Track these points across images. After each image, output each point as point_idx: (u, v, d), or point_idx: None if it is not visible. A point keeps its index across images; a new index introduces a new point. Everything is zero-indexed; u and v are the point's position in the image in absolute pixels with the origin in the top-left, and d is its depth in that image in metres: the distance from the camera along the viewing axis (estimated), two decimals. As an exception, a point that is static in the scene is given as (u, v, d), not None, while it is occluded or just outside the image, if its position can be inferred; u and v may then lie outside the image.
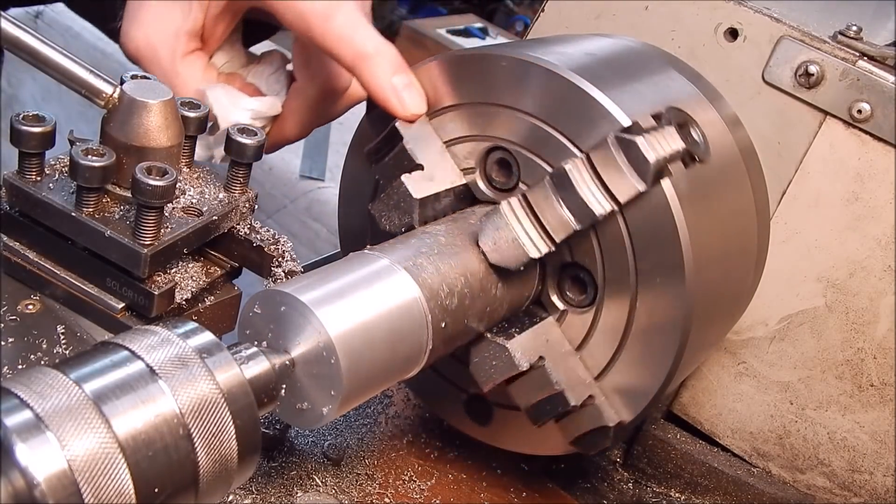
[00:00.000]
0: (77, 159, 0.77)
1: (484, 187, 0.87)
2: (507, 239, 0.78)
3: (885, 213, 0.93)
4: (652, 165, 0.74)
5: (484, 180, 0.87)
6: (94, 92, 0.81)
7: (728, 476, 1.02)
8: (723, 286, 0.87)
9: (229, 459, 0.57)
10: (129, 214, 0.81)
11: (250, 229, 0.90)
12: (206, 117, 0.91)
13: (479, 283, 0.79)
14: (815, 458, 1.02)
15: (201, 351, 0.58)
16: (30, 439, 0.49)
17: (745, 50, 0.97)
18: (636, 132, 0.75)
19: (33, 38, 0.80)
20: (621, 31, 1.00)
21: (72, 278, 0.83)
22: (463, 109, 0.86)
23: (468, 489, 0.94)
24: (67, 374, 0.53)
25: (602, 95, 0.78)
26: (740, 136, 0.92)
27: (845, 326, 0.97)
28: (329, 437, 0.93)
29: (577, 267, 0.83)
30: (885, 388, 0.97)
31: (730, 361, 1.03)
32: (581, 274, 0.83)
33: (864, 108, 0.92)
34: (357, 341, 0.68)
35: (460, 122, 0.86)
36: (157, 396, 0.55)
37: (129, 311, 0.82)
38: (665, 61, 0.93)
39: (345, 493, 0.87)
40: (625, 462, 1.06)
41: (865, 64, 0.92)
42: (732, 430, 1.05)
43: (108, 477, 0.51)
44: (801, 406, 1.01)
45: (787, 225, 0.97)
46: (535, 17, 1.08)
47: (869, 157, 0.93)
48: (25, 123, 0.80)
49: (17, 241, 0.84)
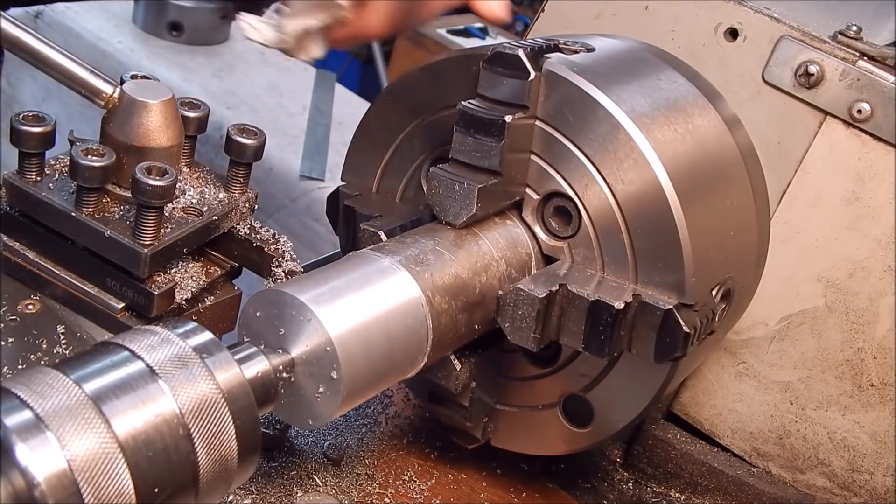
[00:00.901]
0: (77, 159, 0.77)
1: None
2: (523, 321, 0.77)
3: (885, 213, 0.93)
4: (676, 352, 0.76)
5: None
6: (94, 92, 0.82)
7: (728, 476, 1.02)
8: (725, 267, 0.87)
9: (229, 459, 0.57)
10: (129, 214, 0.81)
11: (250, 229, 0.90)
12: (207, 117, 0.91)
13: (482, 308, 0.79)
14: (815, 458, 1.02)
15: (201, 351, 0.58)
16: (30, 439, 0.49)
17: (745, 50, 0.96)
18: (689, 321, 0.76)
19: (33, 38, 0.80)
20: (621, 31, 1.00)
21: (72, 278, 0.83)
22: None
23: (468, 489, 0.94)
24: (67, 374, 0.53)
25: (602, 95, 0.78)
26: (740, 136, 0.92)
27: (845, 326, 0.97)
28: (329, 437, 0.93)
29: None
30: (885, 388, 0.97)
31: (730, 361, 1.03)
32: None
33: (864, 108, 0.92)
34: (357, 341, 0.68)
35: None
36: (157, 396, 0.55)
37: (129, 311, 0.83)
38: (665, 61, 0.93)
39: (345, 493, 0.87)
40: (625, 462, 1.06)
41: (865, 64, 0.92)
42: (732, 430, 1.05)
43: (108, 477, 0.51)
44: (801, 406, 1.01)
45: (787, 225, 0.97)
46: (535, 17, 1.08)
47: (869, 157, 0.93)
48: (25, 123, 0.80)
49: (17, 241, 0.84)
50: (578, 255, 0.82)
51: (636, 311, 0.77)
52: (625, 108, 0.78)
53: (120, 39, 2.45)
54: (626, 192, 0.78)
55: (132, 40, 2.46)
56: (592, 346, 0.77)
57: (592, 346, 0.77)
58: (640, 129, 0.78)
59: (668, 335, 0.76)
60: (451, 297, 0.75)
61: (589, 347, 0.77)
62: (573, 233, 0.82)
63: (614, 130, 0.78)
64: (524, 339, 0.77)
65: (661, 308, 0.76)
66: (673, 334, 0.76)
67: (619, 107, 0.78)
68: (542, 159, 0.81)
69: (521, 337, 0.77)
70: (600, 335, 0.76)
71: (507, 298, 0.77)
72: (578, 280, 0.79)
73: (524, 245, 0.83)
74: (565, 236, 0.83)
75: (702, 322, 0.78)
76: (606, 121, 0.78)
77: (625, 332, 0.77)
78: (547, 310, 0.76)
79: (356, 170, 0.93)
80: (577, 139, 0.80)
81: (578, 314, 0.77)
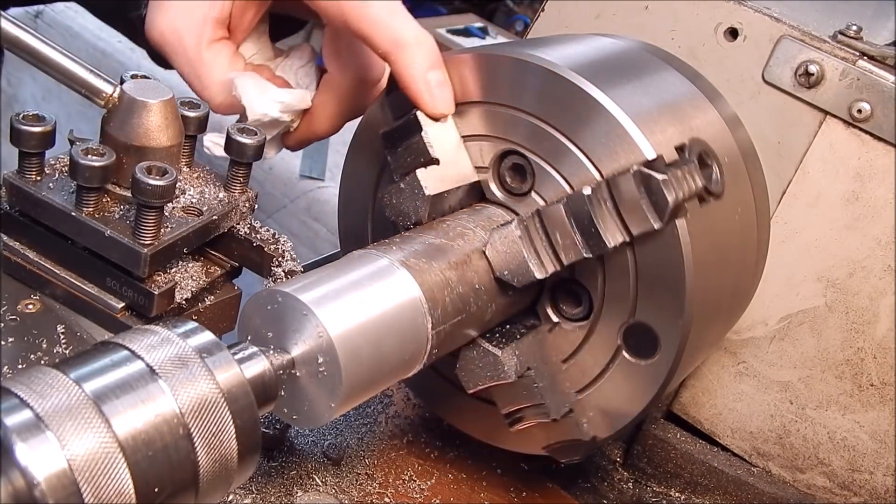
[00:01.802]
0: (77, 159, 0.77)
1: (496, 189, 0.86)
2: (515, 257, 0.78)
3: (884, 212, 0.93)
4: (670, 206, 0.74)
5: (496, 182, 0.86)
6: (94, 91, 0.81)
7: (728, 476, 1.02)
8: (723, 287, 0.87)
9: (229, 459, 0.57)
10: (129, 214, 0.81)
11: (250, 229, 0.90)
12: (207, 117, 0.91)
13: (480, 286, 0.79)
14: (814, 458, 1.02)
15: (201, 350, 0.58)
16: (30, 439, 0.49)
17: (745, 49, 0.97)
18: (659, 168, 0.74)
19: (33, 37, 0.80)
20: (621, 31, 1.00)
21: (72, 278, 0.83)
22: (485, 107, 0.85)
23: (468, 489, 0.94)
24: (67, 374, 0.53)
25: (602, 95, 0.78)
26: (740, 135, 0.92)
27: (845, 326, 0.97)
28: (329, 436, 0.93)
29: (576, 283, 0.83)
30: (885, 387, 0.97)
31: (730, 361, 1.03)
32: (578, 289, 0.84)
33: (864, 108, 0.92)
34: (357, 341, 0.68)
35: (480, 118, 0.85)
36: (156, 396, 0.55)
37: (129, 311, 0.83)
38: (664, 61, 0.93)
39: (345, 493, 0.87)
40: (625, 462, 1.06)
41: (865, 63, 0.92)
42: (732, 429, 1.05)
43: (108, 476, 0.51)
44: (801, 406, 1.01)
45: (787, 224, 0.97)
46: (535, 17, 1.08)
47: (869, 156, 0.93)
48: (25, 123, 0.80)
49: (17, 241, 0.84)
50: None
51: (610, 193, 0.75)
52: (625, 107, 0.78)
53: (120, 39, 2.45)
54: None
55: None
56: (592, 245, 0.76)
57: (592, 245, 0.76)
58: (639, 128, 0.77)
59: (653, 195, 0.74)
60: (452, 297, 0.75)
61: (590, 249, 0.76)
62: (530, 187, 0.84)
63: (628, 146, 0.77)
64: (526, 273, 0.78)
65: (630, 172, 0.74)
66: (657, 193, 0.74)
67: (620, 107, 0.78)
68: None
69: (524, 273, 0.78)
70: (591, 229, 0.76)
71: (494, 245, 0.79)
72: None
73: (498, 216, 0.85)
74: (523, 193, 0.85)
75: (682, 175, 0.76)
76: (621, 136, 0.78)
77: (613, 218, 0.76)
78: (530, 237, 0.78)
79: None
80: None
81: (562, 225, 0.77)
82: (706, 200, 0.79)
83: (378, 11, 0.86)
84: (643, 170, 0.74)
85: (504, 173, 0.86)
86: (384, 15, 0.86)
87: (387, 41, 0.86)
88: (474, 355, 0.82)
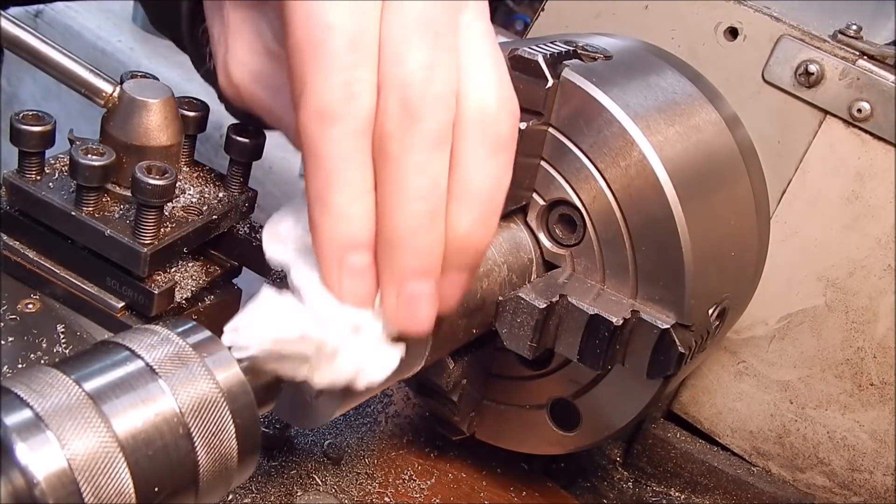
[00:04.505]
0: (77, 158, 0.77)
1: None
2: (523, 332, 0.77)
3: (884, 212, 0.93)
4: (669, 371, 0.76)
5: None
6: (93, 91, 0.81)
7: (728, 475, 1.02)
8: (723, 286, 0.87)
9: (229, 459, 0.57)
10: (129, 214, 0.80)
11: (250, 228, 0.90)
12: (206, 117, 0.91)
13: (482, 290, 0.79)
14: (814, 458, 1.02)
15: (201, 350, 0.58)
16: (29, 438, 0.49)
17: (745, 49, 0.97)
18: (684, 339, 0.75)
19: (33, 37, 0.80)
20: (621, 31, 1.00)
21: (72, 277, 0.83)
22: None
23: (468, 489, 0.94)
24: (67, 374, 0.53)
25: (602, 94, 0.78)
26: (740, 135, 0.92)
27: (845, 325, 0.97)
28: (329, 436, 0.93)
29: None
30: (885, 387, 0.97)
31: (730, 360, 1.03)
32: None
33: (864, 108, 0.92)
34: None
35: None
36: (156, 395, 0.55)
37: (128, 311, 0.82)
38: (664, 61, 0.93)
39: (345, 493, 0.87)
40: (625, 461, 1.06)
41: (865, 63, 0.92)
42: (732, 429, 1.05)
43: (107, 476, 0.51)
44: (801, 405, 1.01)
45: (787, 224, 0.97)
46: (534, 17, 1.08)
47: (869, 156, 0.93)
48: (25, 122, 0.80)
49: (17, 241, 0.84)
50: (580, 264, 0.81)
51: (633, 326, 0.76)
52: (625, 107, 0.78)
53: (120, 38, 2.45)
54: (632, 205, 0.78)
55: (132, 39, 2.46)
56: (587, 358, 0.77)
57: (587, 358, 0.77)
58: (653, 148, 0.77)
59: (663, 353, 0.75)
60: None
61: (584, 359, 0.77)
62: (577, 241, 0.81)
63: (628, 147, 0.77)
64: (520, 346, 0.76)
65: (659, 327, 0.75)
66: (668, 353, 0.75)
67: (619, 106, 0.78)
68: (552, 166, 0.81)
69: (518, 344, 0.76)
70: (596, 348, 0.76)
71: (506, 306, 0.76)
72: (578, 291, 0.78)
73: (526, 250, 0.83)
74: (569, 244, 0.82)
75: (696, 342, 0.78)
76: (622, 136, 0.77)
77: (620, 346, 0.76)
78: (545, 319, 0.76)
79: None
80: (590, 151, 0.79)
81: (576, 326, 0.76)
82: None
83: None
84: (672, 334, 0.75)
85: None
86: None
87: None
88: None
